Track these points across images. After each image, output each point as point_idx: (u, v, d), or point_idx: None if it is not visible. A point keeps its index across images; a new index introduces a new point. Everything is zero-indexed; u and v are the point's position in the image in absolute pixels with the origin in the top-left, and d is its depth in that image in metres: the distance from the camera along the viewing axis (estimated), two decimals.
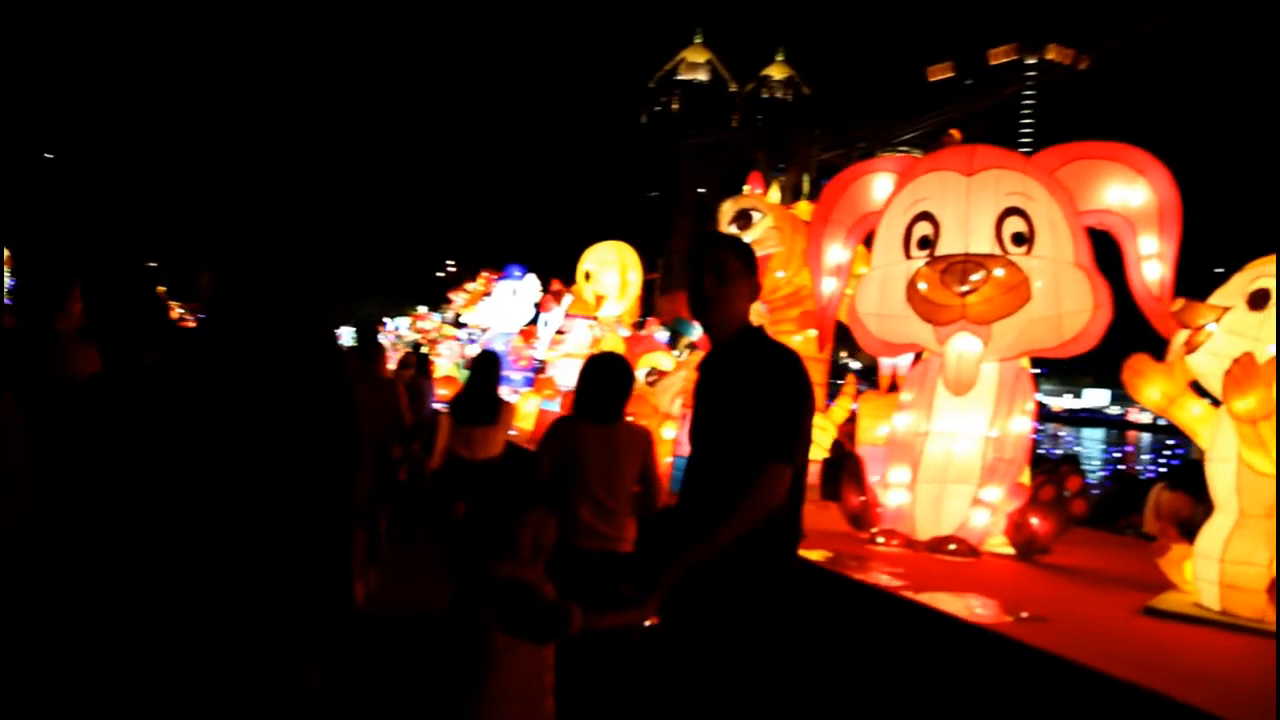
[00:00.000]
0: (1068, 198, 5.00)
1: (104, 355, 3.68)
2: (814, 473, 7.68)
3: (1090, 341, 4.92)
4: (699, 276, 2.83)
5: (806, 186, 8.57)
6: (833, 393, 8.59)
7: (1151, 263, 4.89)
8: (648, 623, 2.82)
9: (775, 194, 8.09)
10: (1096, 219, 5.03)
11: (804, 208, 8.08)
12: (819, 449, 7.80)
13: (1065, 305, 4.82)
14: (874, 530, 5.27)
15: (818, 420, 8.11)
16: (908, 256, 5.09)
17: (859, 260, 6.01)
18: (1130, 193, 4.96)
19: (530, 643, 2.64)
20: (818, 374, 8.34)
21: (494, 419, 7.01)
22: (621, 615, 2.67)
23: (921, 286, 4.98)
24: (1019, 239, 4.86)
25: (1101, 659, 3.17)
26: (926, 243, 5.02)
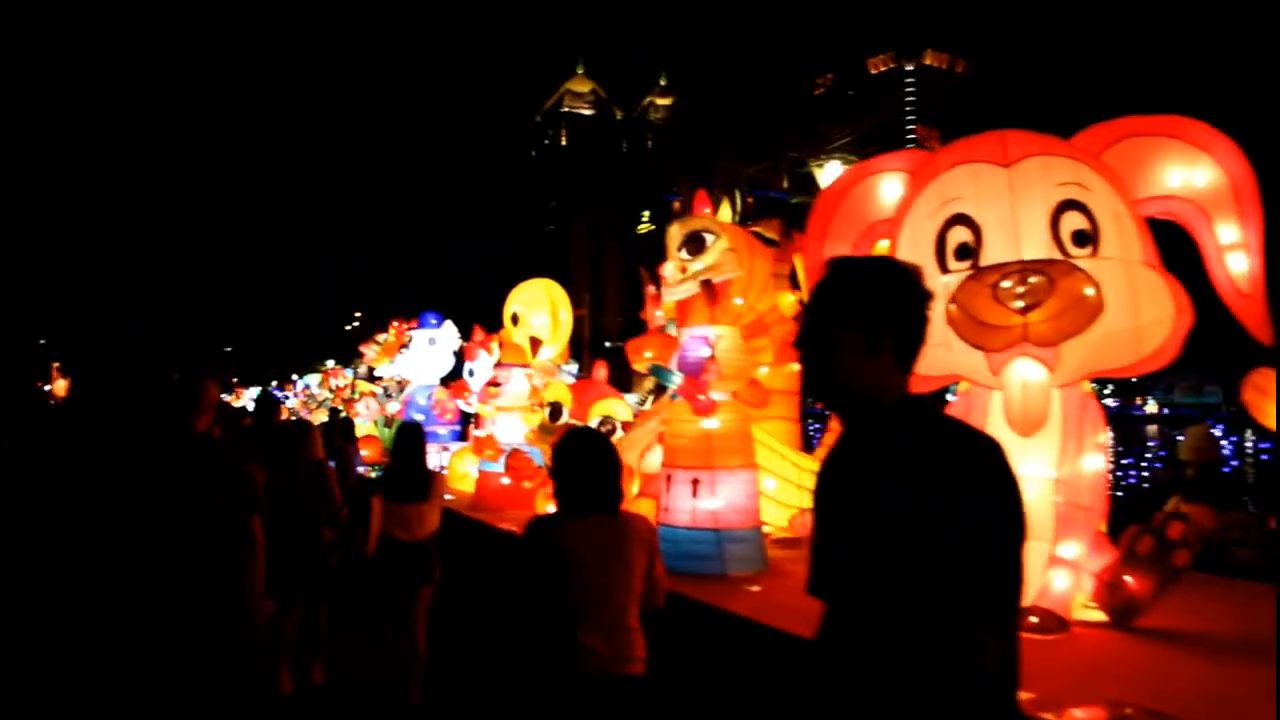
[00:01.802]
0: (1122, 185, 4.18)
1: None
2: (804, 523, 6.78)
3: (1171, 354, 4.07)
4: (842, 331, 1.84)
5: (738, 204, 7.88)
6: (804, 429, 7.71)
7: (1235, 254, 4.08)
8: None
9: (726, 213, 7.20)
10: (1159, 207, 4.22)
11: (768, 226, 7.21)
12: (807, 495, 6.87)
13: (1144, 315, 3.96)
14: None
15: (805, 463, 7.25)
16: (944, 270, 4.19)
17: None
18: (1193, 173, 4.16)
19: None
20: (789, 409, 7.46)
21: (426, 494, 6.29)
22: None
23: (952, 308, 4.07)
24: (1081, 238, 4.01)
25: None
26: (967, 251, 4.13)
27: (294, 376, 38.29)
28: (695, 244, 6.64)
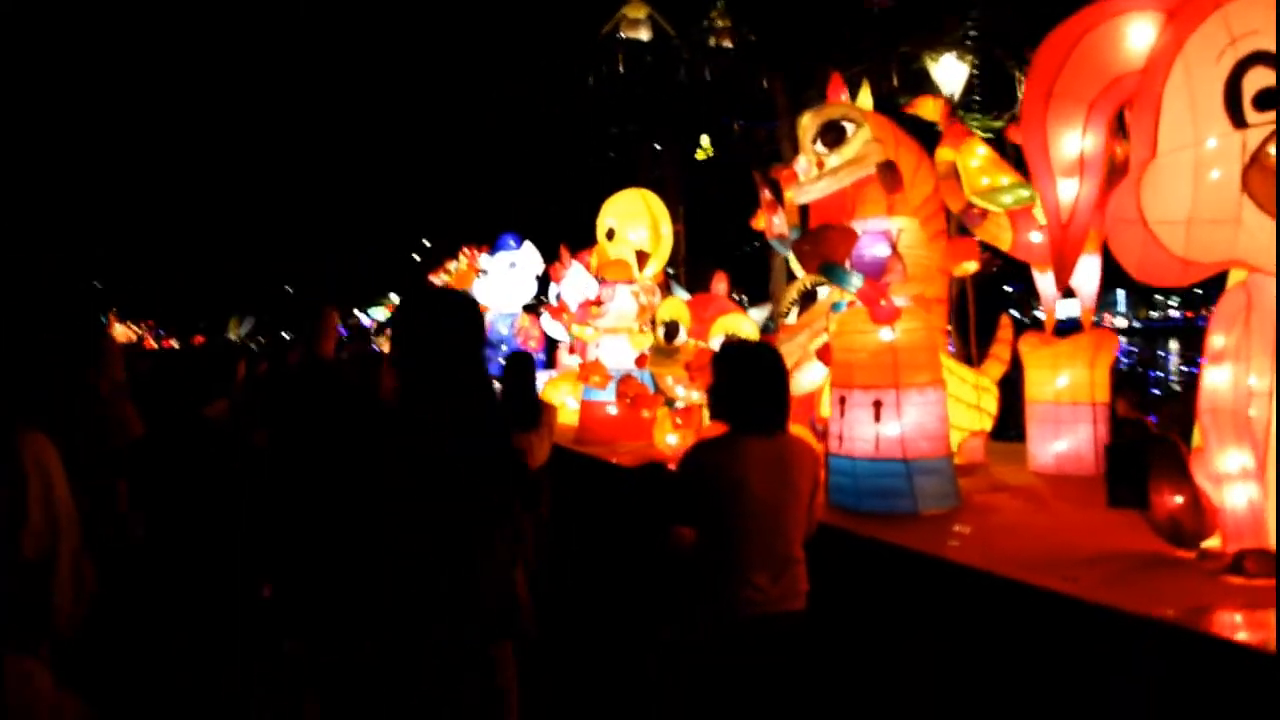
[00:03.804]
0: None
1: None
2: (976, 448, 5.96)
3: None
4: None
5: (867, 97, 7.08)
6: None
7: None
8: None
9: (867, 98, 6.23)
10: None
11: (930, 106, 6.25)
12: (981, 416, 6.05)
13: None
14: (1203, 548, 3.53)
15: (973, 379, 6.39)
16: (1239, 124, 3.28)
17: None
18: None
19: None
20: (940, 319, 6.61)
21: (536, 423, 5.90)
22: None
23: (1253, 171, 3.19)
24: None
25: None
26: (1272, 99, 3.21)
27: (355, 311, 37.88)
28: (834, 135, 5.72)
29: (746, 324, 7.26)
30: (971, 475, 5.62)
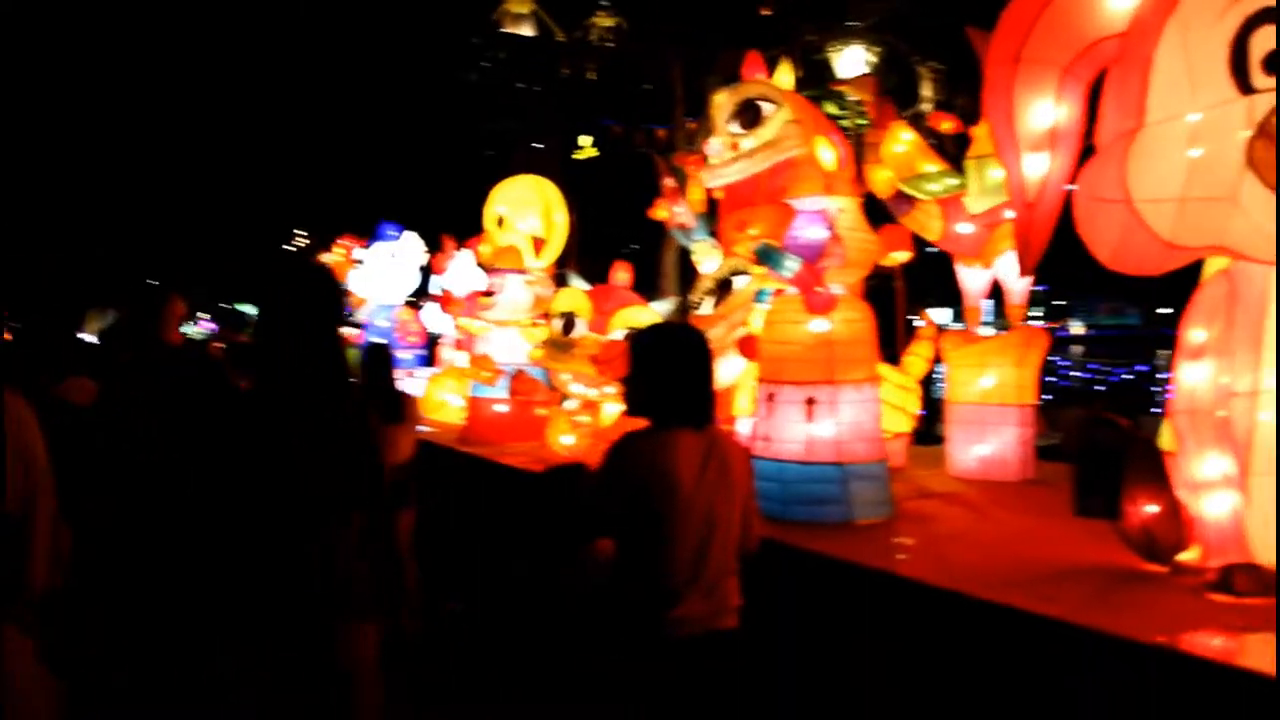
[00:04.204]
0: None
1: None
2: (897, 452, 5.60)
3: None
4: None
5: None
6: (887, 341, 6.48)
7: None
8: None
9: (787, 76, 5.80)
10: None
11: (859, 83, 5.87)
12: (903, 418, 5.69)
13: None
14: (1179, 562, 3.19)
15: (897, 379, 6.03)
16: (1245, 89, 2.93)
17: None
18: None
19: None
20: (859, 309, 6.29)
21: (400, 417, 5.44)
22: None
23: (1259, 143, 2.85)
24: None
25: None
26: None
27: (221, 306, 36.14)
28: (749, 114, 5.26)
29: (648, 317, 6.77)
30: (894, 481, 5.26)
